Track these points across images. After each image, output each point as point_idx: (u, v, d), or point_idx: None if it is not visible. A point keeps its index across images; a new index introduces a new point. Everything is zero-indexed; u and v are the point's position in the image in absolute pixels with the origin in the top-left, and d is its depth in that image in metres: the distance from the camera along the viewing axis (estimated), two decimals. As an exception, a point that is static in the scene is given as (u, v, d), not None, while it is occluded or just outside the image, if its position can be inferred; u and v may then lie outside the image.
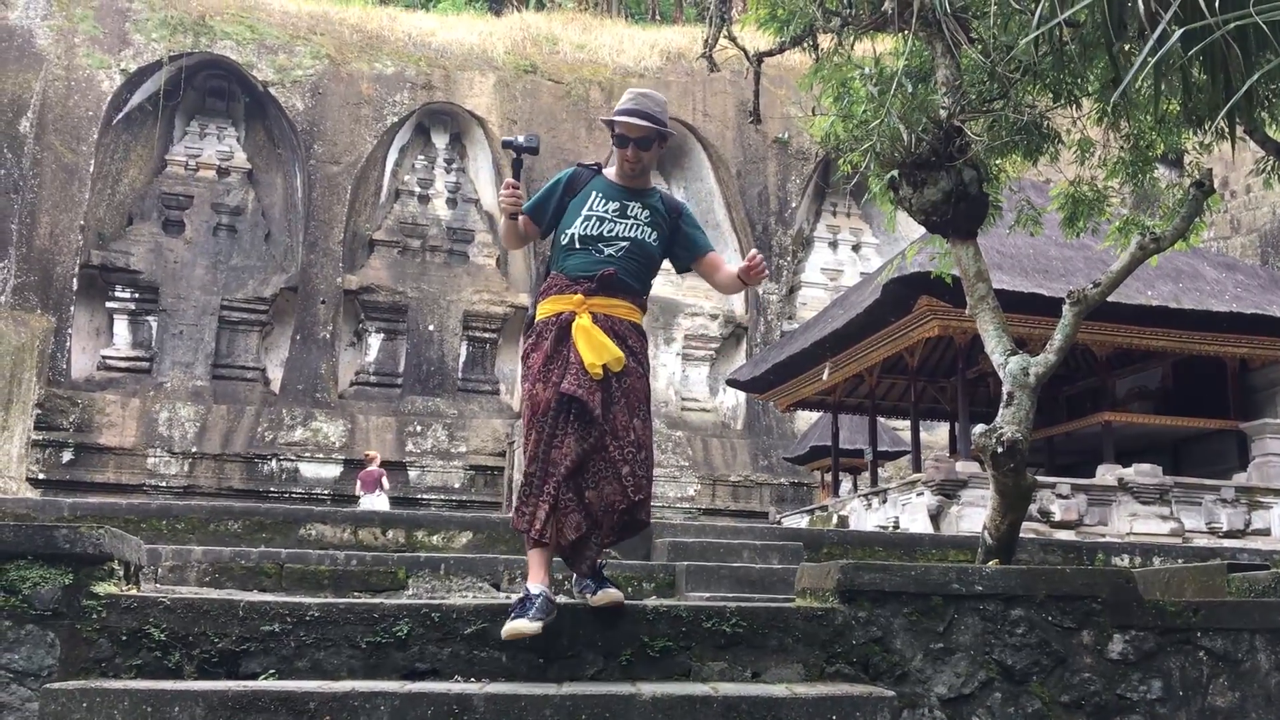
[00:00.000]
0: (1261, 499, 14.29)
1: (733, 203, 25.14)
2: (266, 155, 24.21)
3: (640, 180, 3.88)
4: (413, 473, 21.71)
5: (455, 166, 25.03)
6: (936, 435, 21.93)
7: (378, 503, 17.38)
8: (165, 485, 20.53)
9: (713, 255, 4.01)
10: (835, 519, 16.17)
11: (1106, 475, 14.28)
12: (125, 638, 3.26)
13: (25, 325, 19.94)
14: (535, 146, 3.79)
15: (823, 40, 6.17)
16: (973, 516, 12.89)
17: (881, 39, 5.92)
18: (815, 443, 21.06)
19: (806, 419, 23.12)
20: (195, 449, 20.89)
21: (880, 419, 19.81)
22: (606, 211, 3.78)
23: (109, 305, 22.47)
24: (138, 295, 22.43)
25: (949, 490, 13.73)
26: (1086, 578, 3.83)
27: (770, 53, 6.82)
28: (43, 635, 3.22)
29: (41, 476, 19.71)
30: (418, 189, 24.59)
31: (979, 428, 6.39)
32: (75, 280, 21.59)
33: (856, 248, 26.23)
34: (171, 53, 22.51)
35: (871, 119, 5.49)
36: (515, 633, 3.26)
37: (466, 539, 7.87)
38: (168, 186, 23.17)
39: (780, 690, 3.22)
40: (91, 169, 21.93)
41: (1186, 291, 14.62)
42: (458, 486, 21.97)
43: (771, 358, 19.07)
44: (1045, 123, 5.61)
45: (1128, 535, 13.32)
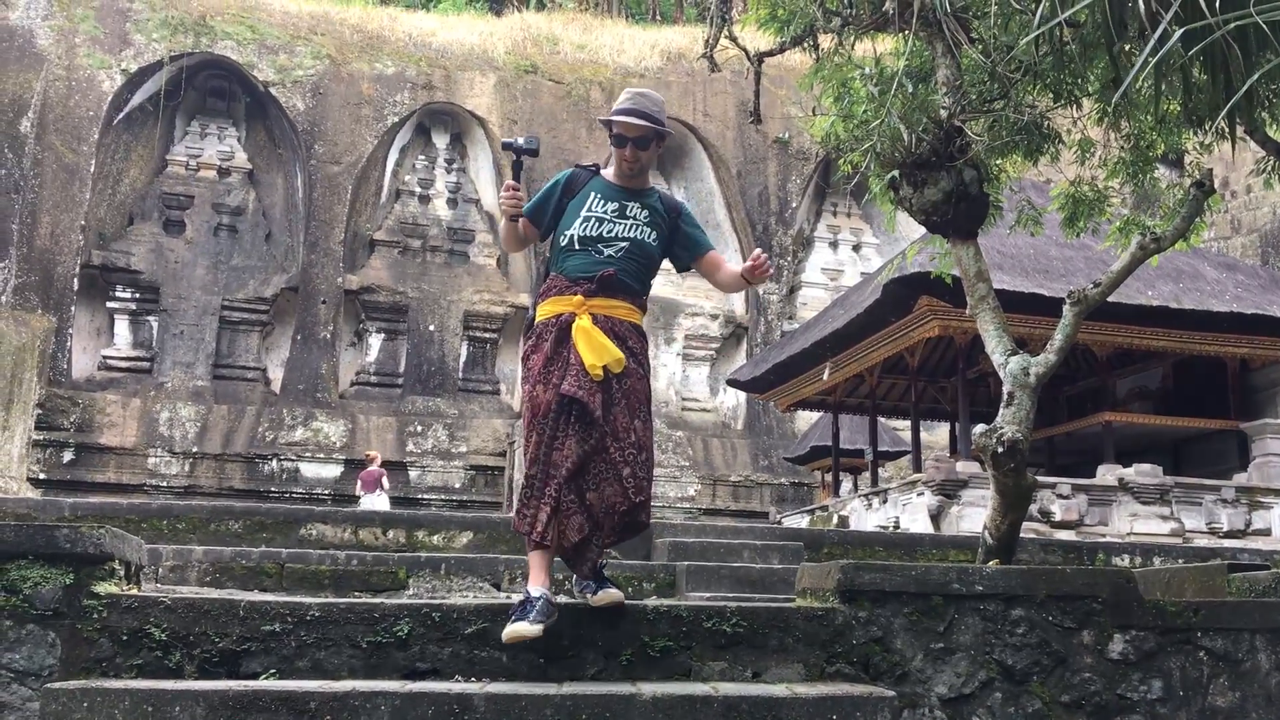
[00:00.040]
0: (1262, 499, 14.28)
1: (733, 203, 25.14)
2: (267, 155, 24.22)
3: (639, 180, 3.86)
4: (413, 473, 21.72)
5: (456, 166, 25.03)
6: (937, 435, 21.93)
7: (378, 503, 17.39)
8: (166, 485, 20.54)
9: (713, 254, 4.00)
10: (835, 519, 16.16)
11: (1107, 475, 14.28)
12: (126, 637, 3.26)
13: (26, 325, 19.95)
14: (535, 148, 3.78)
15: (823, 40, 6.17)
16: (973, 516, 12.89)
17: (882, 39, 5.92)
18: (815, 443, 21.06)
19: (807, 419, 23.12)
20: (196, 449, 20.90)
21: (881, 419, 19.81)
22: (605, 212, 3.76)
23: (110, 305, 22.48)
24: (138, 295, 22.44)
25: (949, 490, 13.73)
26: (1087, 578, 3.84)
27: (771, 53, 6.82)
28: (43, 635, 3.22)
29: (42, 476, 19.72)
30: (418, 189, 24.60)
31: (979, 428, 6.39)
32: (76, 280, 21.60)
33: (857, 248, 26.23)
34: (172, 53, 22.52)
35: (872, 119, 5.49)
36: (516, 636, 3.25)
37: (467, 539, 7.87)
38: (168, 186, 23.18)
39: (781, 690, 3.22)
40: (92, 169, 21.93)
41: (1187, 291, 14.62)
42: (458, 486, 21.97)
43: (772, 358, 19.07)
44: (1046, 123, 5.60)
45: (1128, 535, 13.31)
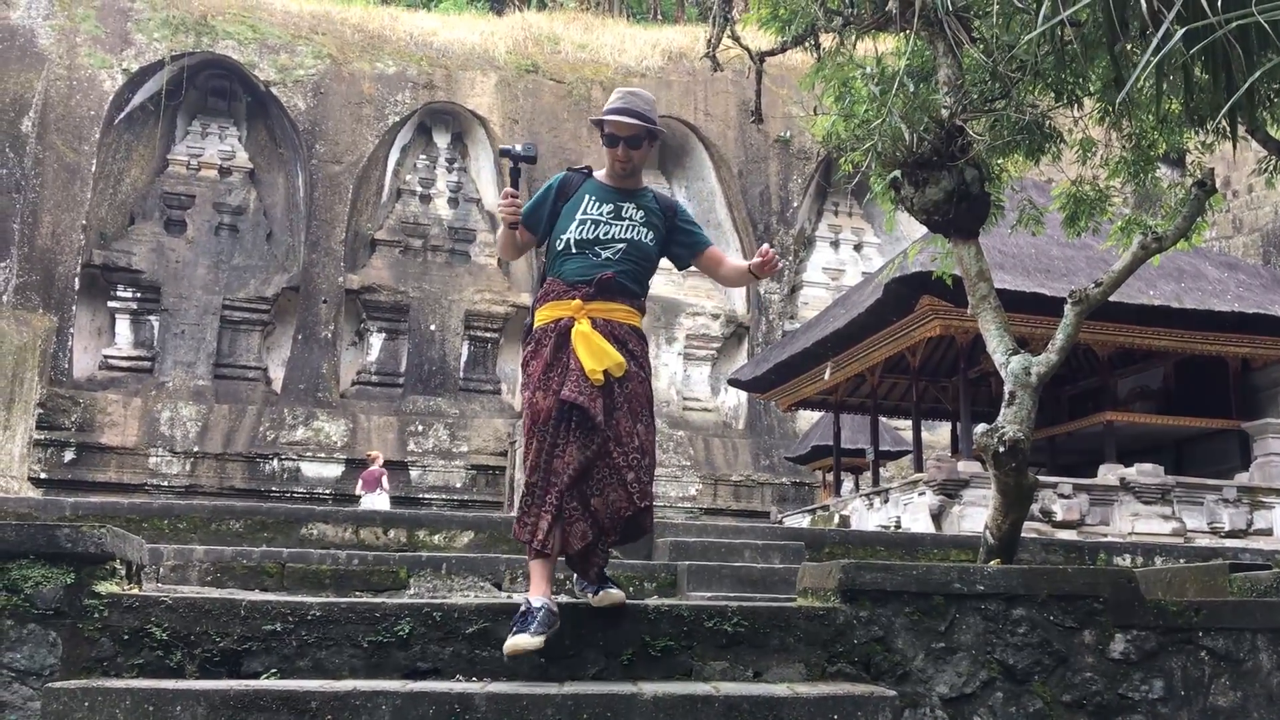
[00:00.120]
0: (1263, 499, 14.28)
1: (734, 202, 25.14)
2: (268, 155, 24.23)
3: (632, 180, 3.84)
4: (414, 472, 21.72)
5: (457, 166, 25.03)
6: (938, 435, 21.92)
7: (379, 502, 17.39)
8: (167, 485, 20.55)
9: (713, 250, 3.97)
10: (837, 519, 16.16)
11: (1108, 475, 14.27)
12: (127, 637, 3.26)
13: (27, 325, 19.96)
14: (533, 155, 3.76)
15: (824, 40, 6.17)
16: (974, 516, 12.88)
17: (883, 38, 5.92)
18: (817, 442, 21.05)
19: (808, 419, 23.11)
20: (197, 448, 20.90)
21: (882, 418, 19.80)
22: (601, 214, 3.74)
23: (111, 305, 22.48)
24: (139, 295, 22.45)
25: (951, 490, 13.73)
26: (1088, 577, 3.83)
27: (772, 52, 6.83)
28: (45, 634, 3.22)
29: (43, 476, 19.73)
30: (419, 188, 24.59)
31: (981, 427, 6.40)
32: (77, 280, 21.60)
33: (858, 247, 26.22)
34: (173, 52, 22.53)
35: (873, 118, 5.49)
36: (517, 649, 3.23)
37: (468, 538, 7.87)
38: (169, 186, 23.19)
39: (782, 690, 3.22)
40: (93, 168, 21.94)
41: (1188, 291, 14.61)
42: (459, 486, 21.97)
43: (773, 357, 19.07)
44: (1047, 122, 5.61)
45: (1130, 535, 13.31)
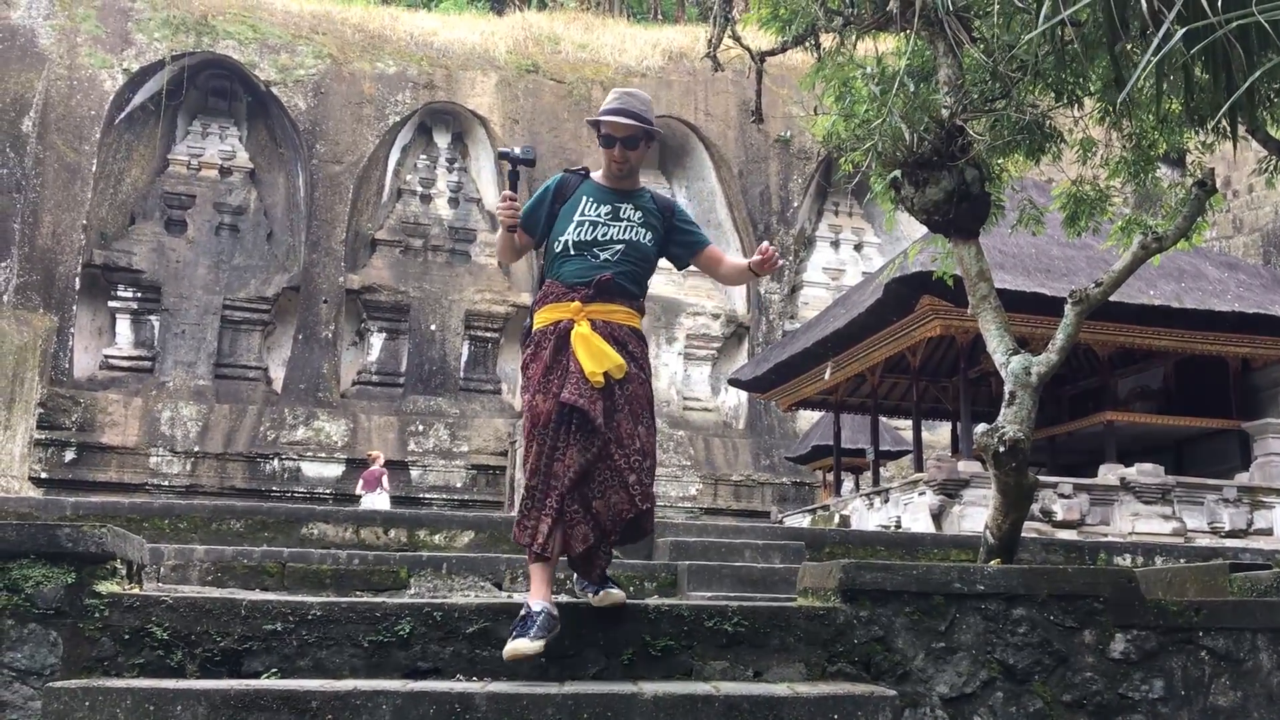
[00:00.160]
0: (1264, 499, 14.28)
1: (734, 202, 25.14)
2: (269, 155, 24.23)
3: (629, 181, 3.84)
4: (415, 472, 21.72)
5: (457, 166, 25.03)
6: (938, 435, 21.91)
7: (379, 502, 17.40)
8: (167, 484, 20.55)
9: (711, 248, 3.97)
10: (837, 518, 16.17)
11: (1109, 475, 14.27)
12: (128, 636, 3.26)
13: (28, 325, 19.96)
14: (532, 158, 3.75)
15: (825, 39, 6.17)
16: (975, 516, 12.88)
17: (883, 38, 5.92)
18: (817, 442, 21.05)
19: (808, 418, 23.11)
20: (197, 448, 20.90)
21: (882, 418, 19.80)
22: (599, 215, 3.73)
23: (111, 305, 22.48)
24: (140, 295, 22.45)
25: (951, 490, 13.73)
26: (1088, 577, 3.83)
27: (772, 52, 6.83)
28: (45, 634, 3.22)
29: (44, 476, 19.73)
30: (420, 188, 24.59)
31: (981, 427, 6.40)
32: (78, 280, 21.60)
33: (859, 247, 26.22)
34: (174, 52, 22.53)
35: (873, 118, 5.49)
36: (516, 654, 3.22)
37: (468, 538, 7.88)
38: (170, 186, 23.19)
39: (782, 689, 3.22)
40: (94, 168, 21.94)
41: (1189, 291, 14.61)
42: (460, 486, 21.97)
43: (773, 357, 19.07)
44: (1047, 122, 5.61)
45: (1130, 535, 13.31)
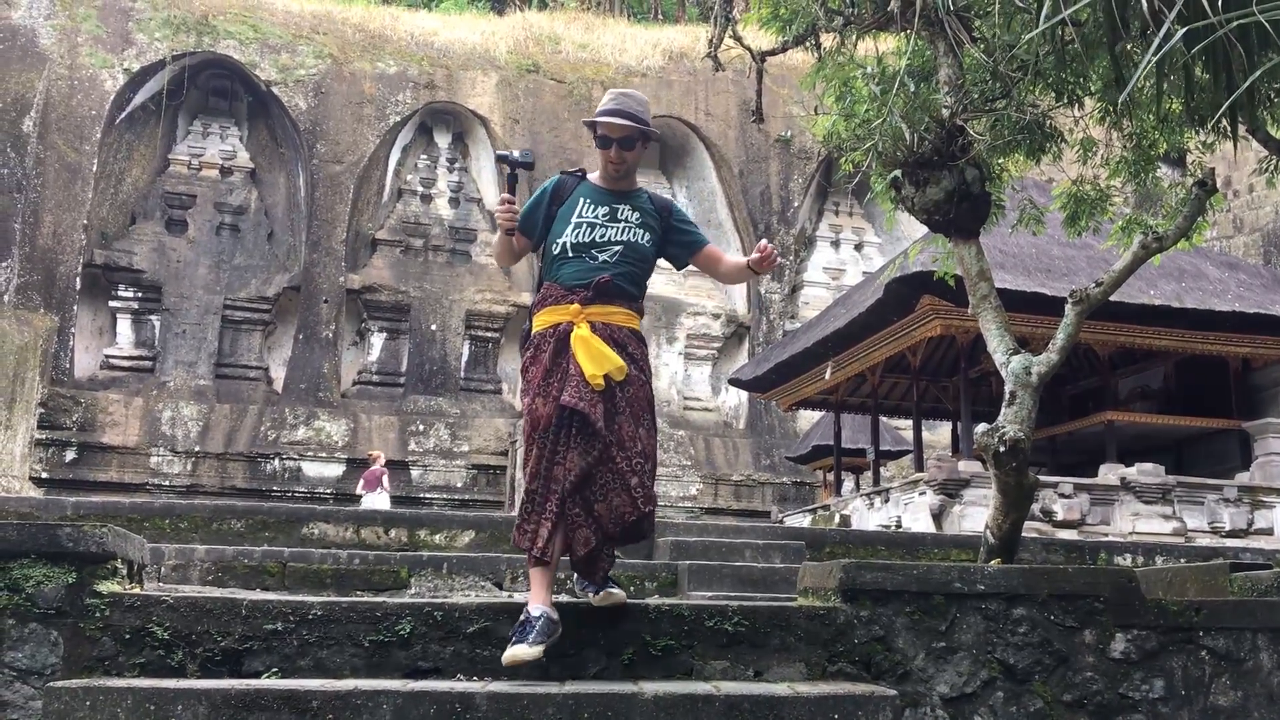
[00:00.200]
0: (1264, 498, 14.28)
1: (735, 202, 25.14)
2: (269, 155, 24.23)
3: (626, 182, 3.83)
4: (415, 472, 21.72)
5: (458, 166, 25.03)
6: (939, 434, 21.92)
7: (379, 501, 17.40)
8: (168, 484, 20.56)
9: (710, 248, 3.96)
10: (837, 518, 16.17)
11: (1109, 475, 14.27)
12: (128, 636, 3.26)
13: (29, 324, 19.97)
14: (530, 162, 3.75)
15: (825, 39, 6.17)
16: (975, 516, 12.88)
17: (884, 38, 5.92)
18: (817, 442, 21.05)
19: (809, 418, 23.11)
20: (198, 448, 20.91)
21: (883, 418, 19.80)
22: (596, 217, 3.72)
23: (112, 304, 22.49)
24: (141, 294, 22.46)
25: (951, 489, 13.73)
26: (1089, 577, 3.83)
27: (773, 52, 6.83)
28: (46, 634, 3.23)
29: (45, 475, 19.74)
30: (420, 188, 24.60)
31: (981, 427, 6.39)
32: (78, 279, 21.61)
33: (859, 247, 26.22)
34: (174, 52, 22.53)
35: (874, 118, 5.49)
36: (515, 659, 3.20)
37: (469, 538, 7.88)
38: (171, 186, 23.20)
39: (782, 689, 3.22)
40: (94, 168, 21.95)
41: (1189, 291, 14.61)
42: (460, 485, 21.98)
43: (774, 357, 19.07)
44: (1048, 122, 5.61)
45: (1130, 535, 13.31)
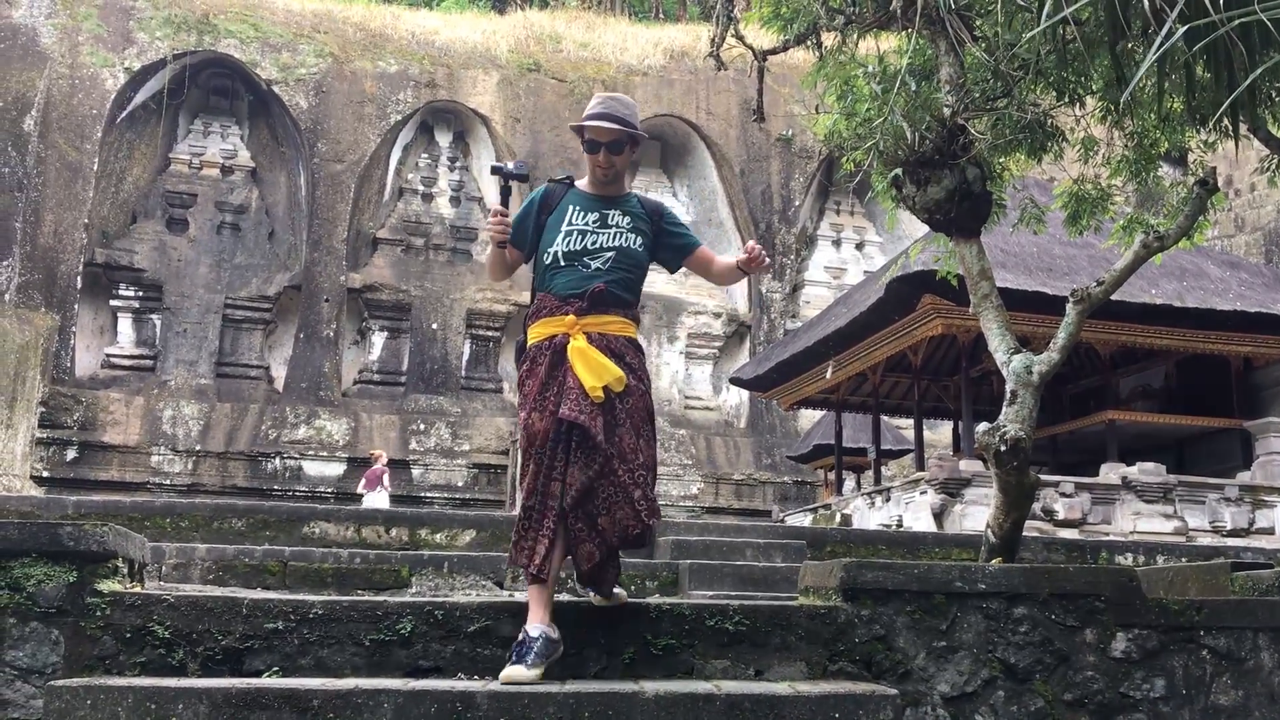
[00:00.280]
0: (1265, 498, 14.27)
1: (736, 201, 25.13)
2: (270, 154, 24.24)
3: (615, 187, 3.78)
4: (416, 471, 21.73)
5: (459, 165, 25.03)
6: (940, 434, 21.92)
7: (378, 500, 17.41)
8: (169, 483, 20.56)
9: (701, 250, 3.91)
10: (838, 517, 16.17)
11: (1110, 474, 14.27)
12: (129, 635, 3.26)
13: (29, 323, 19.97)
14: (525, 174, 3.72)
15: (826, 38, 6.17)
16: (976, 515, 12.88)
17: (885, 37, 5.92)
18: (818, 441, 21.05)
19: (810, 417, 23.11)
20: (199, 447, 20.91)
21: (884, 417, 19.79)
22: (587, 224, 3.67)
23: (113, 303, 22.50)
24: (141, 293, 22.47)
25: (952, 489, 13.72)
26: (1090, 576, 3.83)
27: (774, 51, 6.82)
28: (47, 632, 3.23)
29: (45, 474, 19.75)
30: (421, 187, 24.60)
31: (982, 426, 6.39)
32: (79, 278, 21.61)
33: (860, 246, 26.21)
34: (175, 51, 22.53)
35: (875, 117, 5.49)
36: (512, 679, 3.16)
37: (470, 537, 7.88)
38: (171, 185, 23.21)
39: (783, 688, 3.21)
40: (95, 167, 21.95)
41: (1190, 290, 14.60)
42: (461, 485, 21.98)
43: (775, 356, 19.07)
44: (1049, 121, 5.61)
45: (1131, 534, 13.30)
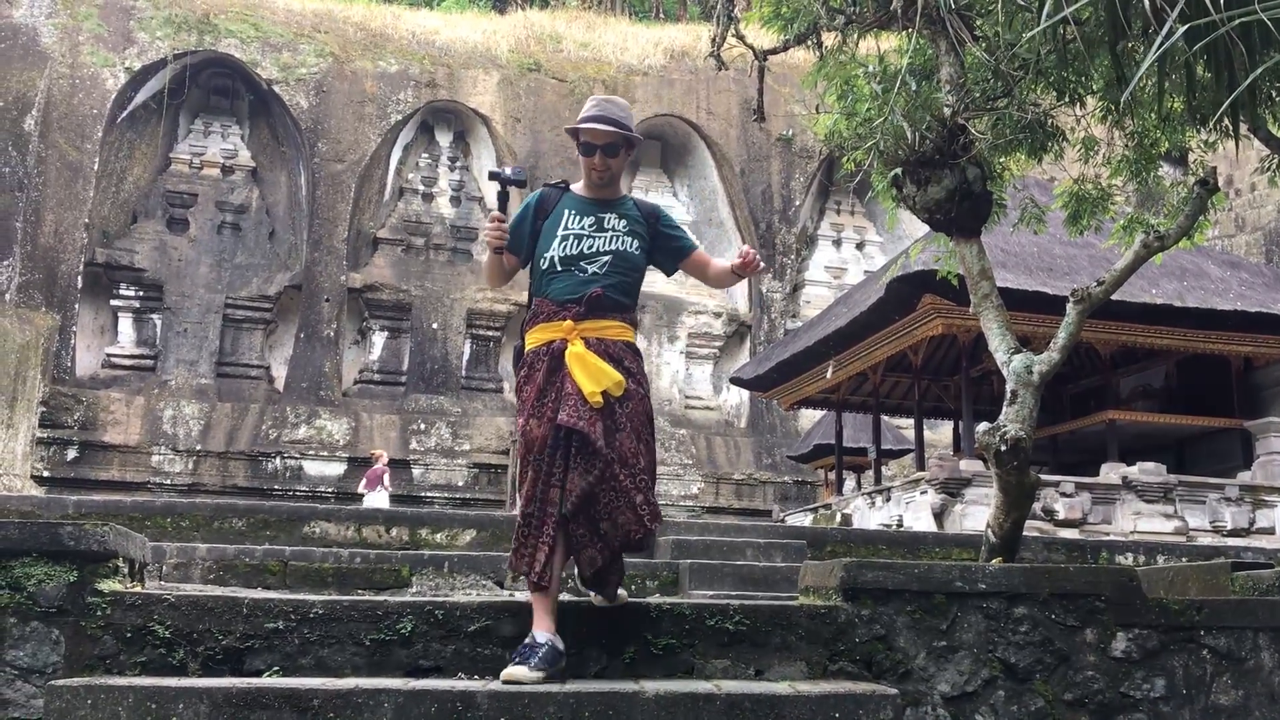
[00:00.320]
0: (1266, 497, 14.27)
1: (736, 201, 25.13)
2: (271, 153, 24.24)
3: (610, 190, 3.77)
4: (416, 470, 21.73)
5: (459, 164, 25.03)
6: (940, 433, 21.92)
7: (378, 500, 17.42)
8: (170, 483, 20.56)
9: (697, 253, 3.90)
10: (839, 517, 16.18)
11: (1110, 474, 14.27)
12: (130, 635, 3.26)
13: (30, 323, 19.97)
14: (522, 179, 3.72)
15: (827, 38, 6.17)
16: (976, 515, 12.89)
17: (885, 37, 5.92)
18: (819, 441, 21.04)
19: (810, 417, 23.11)
20: (199, 447, 20.92)
21: (884, 417, 19.79)
22: (583, 228, 3.65)
23: (113, 303, 22.50)
24: (142, 293, 22.47)
25: (953, 489, 13.72)
26: (1090, 576, 3.83)
27: (775, 50, 6.82)
28: (47, 632, 3.23)
29: (46, 474, 19.75)
30: (421, 187, 24.60)
31: (983, 426, 6.39)
32: (80, 278, 21.62)
33: (860, 246, 26.21)
34: (176, 51, 22.53)
35: (875, 117, 5.49)
36: (513, 679, 3.14)
37: (470, 537, 7.89)
38: (172, 185, 23.21)
39: (783, 688, 3.21)
40: (96, 167, 21.95)
41: (1191, 290, 14.60)
42: (461, 484, 21.98)
43: (775, 356, 19.06)
44: (1049, 120, 5.61)
45: (1132, 534, 13.30)
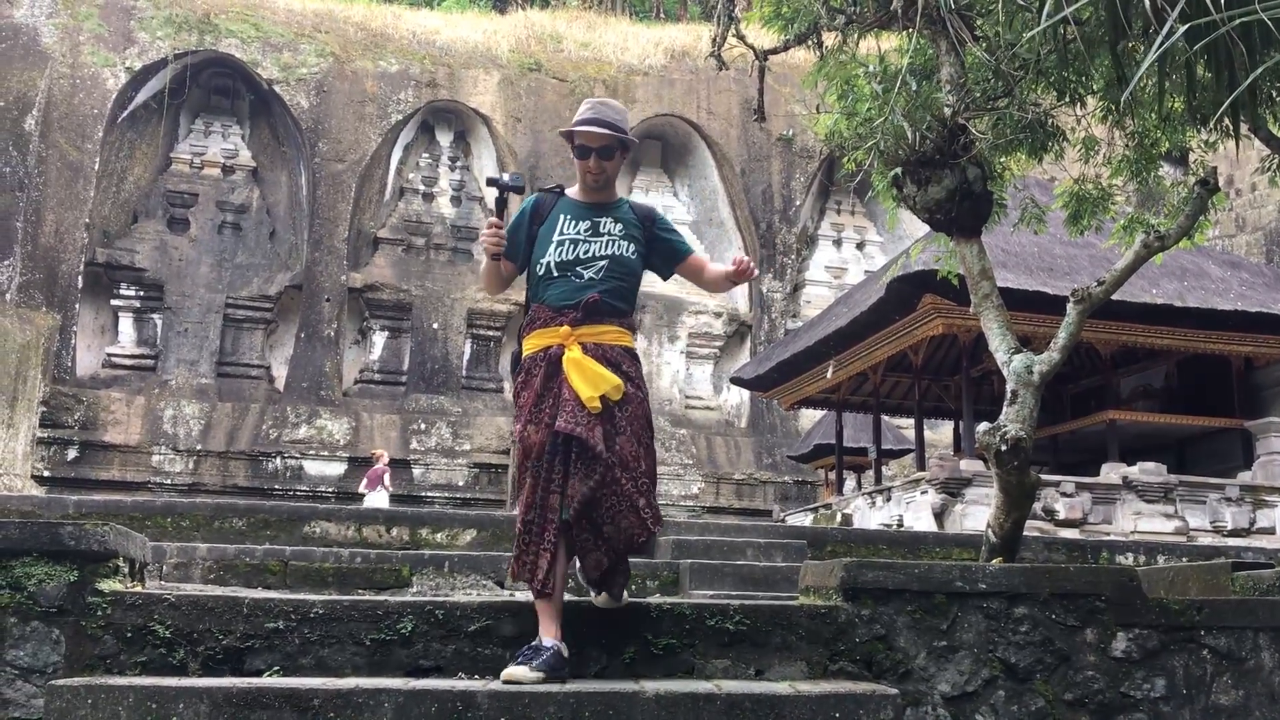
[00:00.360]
0: (1266, 497, 14.27)
1: (737, 200, 25.13)
2: (271, 153, 24.24)
3: (605, 193, 3.75)
4: (417, 470, 21.73)
5: (460, 164, 25.04)
6: (941, 433, 21.91)
7: (379, 499, 17.43)
8: (170, 483, 20.57)
9: (693, 257, 3.89)
10: (839, 517, 16.18)
11: (1111, 474, 14.27)
12: (130, 634, 3.27)
13: (30, 323, 19.98)
14: (520, 185, 3.70)
15: (827, 38, 6.17)
16: (977, 515, 12.89)
17: (886, 37, 5.92)
18: (819, 441, 21.05)
19: (810, 417, 23.11)
20: (200, 446, 20.92)
21: (884, 417, 19.79)
22: (579, 232, 3.64)
23: (114, 303, 22.51)
24: (143, 293, 22.47)
25: (953, 488, 13.72)
26: (1090, 576, 3.83)
27: (775, 50, 6.82)
28: (48, 632, 3.23)
29: (46, 474, 19.75)
30: (422, 187, 24.61)
31: (983, 426, 6.39)
32: (80, 278, 21.62)
33: (861, 245, 26.21)
34: (176, 51, 22.54)
35: (876, 117, 5.49)
36: (514, 679, 3.14)
37: (470, 536, 7.89)
38: (172, 184, 23.21)
39: (783, 688, 3.22)
40: (96, 167, 21.95)
41: (1191, 290, 14.60)
42: (461, 484, 21.99)
43: (775, 356, 19.07)
44: (1049, 120, 5.61)
45: (1132, 534, 13.30)
